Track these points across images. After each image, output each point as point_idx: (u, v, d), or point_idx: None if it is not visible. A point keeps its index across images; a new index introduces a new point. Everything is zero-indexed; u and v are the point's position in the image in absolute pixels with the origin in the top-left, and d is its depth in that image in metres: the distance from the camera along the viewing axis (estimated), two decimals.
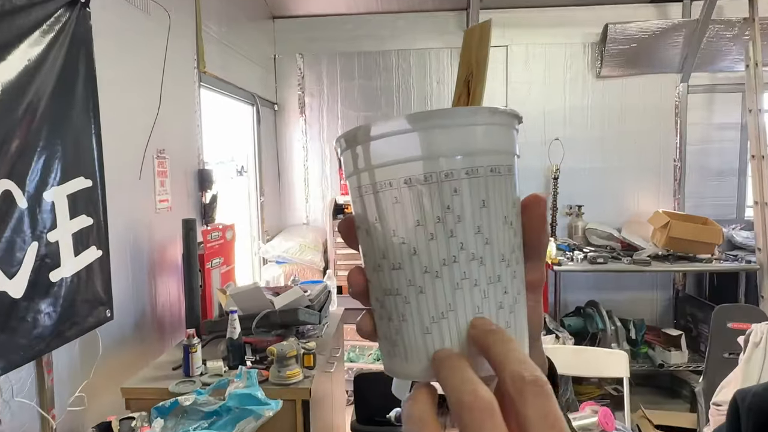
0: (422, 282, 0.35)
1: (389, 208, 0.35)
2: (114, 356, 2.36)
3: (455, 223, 0.34)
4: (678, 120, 4.72)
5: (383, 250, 0.36)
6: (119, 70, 2.44)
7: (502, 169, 0.36)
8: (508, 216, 0.36)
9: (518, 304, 0.37)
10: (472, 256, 0.35)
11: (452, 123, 0.35)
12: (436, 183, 0.34)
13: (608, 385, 4.11)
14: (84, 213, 2.00)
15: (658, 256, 4.20)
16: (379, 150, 0.35)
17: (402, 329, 0.36)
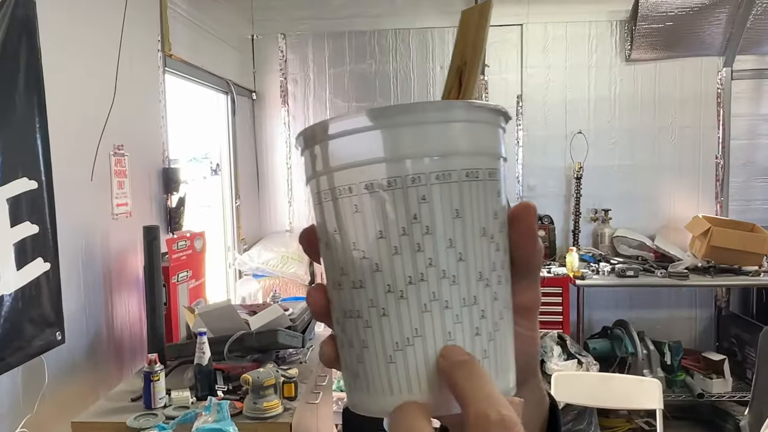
0: (385, 303, 0.35)
1: (349, 218, 0.35)
2: (63, 385, 2.36)
3: (423, 235, 0.34)
4: (720, 111, 4.73)
5: (343, 266, 0.36)
6: (68, 54, 2.46)
7: (480, 173, 0.35)
8: (487, 228, 0.36)
9: (500, 330, 0.37)
10: (443, 273, 0.34)
11: (421, 120, 0.34)
12: (401, 189, 0.34)
13: (639, 418, 4.12)
14: (28, 220, 2.01)
15: (698, 269, 4.21)
16: (338, 150, 0.35)
17: (364, 357, 0.36)
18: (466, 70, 0.42)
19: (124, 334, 2.82)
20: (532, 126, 4.85)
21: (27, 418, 2.12)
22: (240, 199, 4.52)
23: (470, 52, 0.43)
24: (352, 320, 0.36)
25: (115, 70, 2.76)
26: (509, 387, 0.38)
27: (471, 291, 0.35)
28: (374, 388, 0.36)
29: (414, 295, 0.34)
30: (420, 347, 0.34)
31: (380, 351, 0.35)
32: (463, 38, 0.43)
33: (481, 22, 0.43)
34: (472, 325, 0.35)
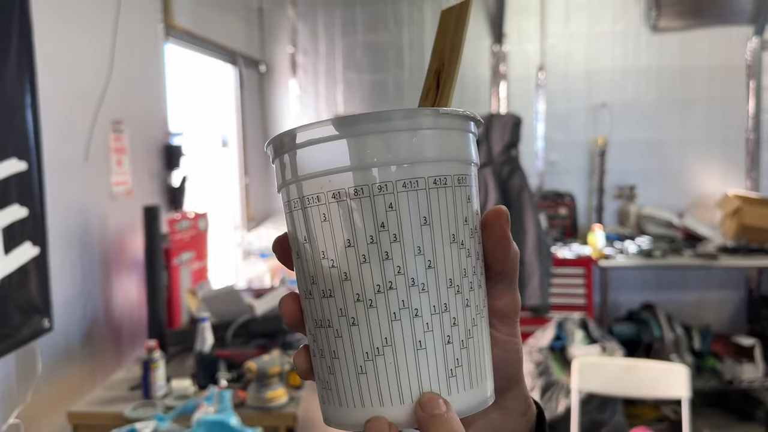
0: (354, 312, 0.35)
1: (318, 226, 0.36)
2: (58, 374, 2.31)
3: (391, 243, 0.35)
4: (751, 82, 4.60)
5: (313, 275, 0.37)
6: (61, 26, 2.37)
7: (449, 180, 0.36)
8: (457, 234, 0.37)
9: (473, 338, 0.37)
10: (412, 281, 0.35)
11: (386, 128, 0.35)
12: (368, 197, 0.35)
13: (667, 406, 4.05)
14: (17, 202, 1.94)
15: (728, 249, 4.13)
16: (306, 159, 0.36)
17: (335, 368, 0.37)
18: (444, 71, 0.42)
19: (122, 320, 2.77)
20: (553, 99, 4.74)
21: (20, 408, 2.07)
22: (248, 175, 4.46)
23: (448, 53, 0.42)
24: (323, 330, 0.37)
25: (112, 41, 2.67)
26: (486, 397, 0.39)
27: (441, 298, 0.36)
28: (345, 400, 0.36)
29: (383, 304, 0.35)
30: (390, 357, 0.35)
31: (351, 361, 0.36)
32: (442, 39, 0.43)
33: (459, 22, 0.42)
34: (443, 333, 0.36)
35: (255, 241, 4.23)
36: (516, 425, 0.45)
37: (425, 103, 0.43)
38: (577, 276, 4.11)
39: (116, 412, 2.16)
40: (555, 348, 3.66)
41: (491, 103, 4.76)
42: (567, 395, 3.33)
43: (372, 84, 4.82)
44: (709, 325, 4.32)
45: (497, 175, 3.85)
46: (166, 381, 2.33)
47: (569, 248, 4.27)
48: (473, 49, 4.75)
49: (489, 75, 4.77)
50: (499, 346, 0.42)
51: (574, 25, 4.70)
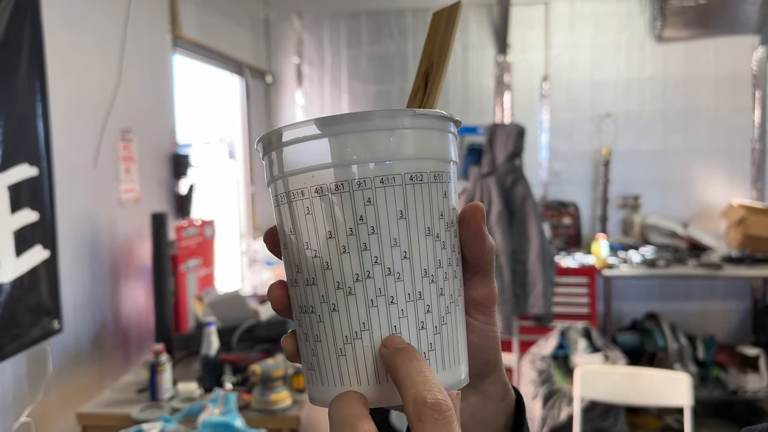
0: (335, 299, 0.38)
1: (302, 219, 0.39)
2: (68, 375, 2.38)
3: (369, 235, 0.37)
4: (757, 92, 4.64)
5: (298, 264, 0.40)
6: (72, 36, 2.45)
7: (425, 176, 0.39)
8: (432, 228, 0.39)
9: (446, 324, 0.40)
10: (389, 271, 0.37)
11: (365, 128, 0.37)
12: (348, 192, 0.37)
13: (670, 415, 4.06)
14: (28, 206, 2.02)
15: (732, 259, 4.15)
16: (292, 157, 0.39)
17: (317, 350, 0.39)
18: (432, 72, 0.44)
19: (130, 324, 2.83)
20: (557, 108, 4.79)
21: (31, 407, 2.14)
22: (254, 184, 4.53)
23: (437, 55, 0.44)
24: (307, 315, 0.40)
25: (120, 51, 2.75)
26: (460, 379, 0.41)
27: (416, 287, 0.38)
28: (327, 380, 0.39)
29: (361, 291, 0.37)
30: (368, 340, 0.38)
31: (331, 344, 0.38)
32: (432, 40, 0.45)
33: (449, 25, 0.44)
34: (417, 319, 0.38)
35: (260, 250, 4.29)
36: (494, 408, 0.48)
37: (413, 104, 0.45)
38: (580, 285, 4.15)
39: (124, 414, 2.21)
40: (558, 356, 3.70)
41: (495, 112, 4.82)
42: (570, 403, 3.37)
43: (377, 94, 4.89)
44: (713, 335, 4.34)
45: (501, 185, 3.90)
46: (173, 384, 2.38)
47: (573, 257, 4.31)
48: (477, 58, 4.81)
49: (493, 85, 4.83)
50: (477, 334, 0.44)
51: (579, 35, 4.75)
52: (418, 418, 0.33)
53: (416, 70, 0.46)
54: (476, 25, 4.81)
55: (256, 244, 4.35)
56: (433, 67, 0.44)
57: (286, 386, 2.29)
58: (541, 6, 4.73)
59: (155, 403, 2.30)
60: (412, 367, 0.35)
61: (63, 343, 2.30)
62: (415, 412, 0.33)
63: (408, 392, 0.34)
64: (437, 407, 0.33)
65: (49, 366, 2.21)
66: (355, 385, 0.38)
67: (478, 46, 4.81)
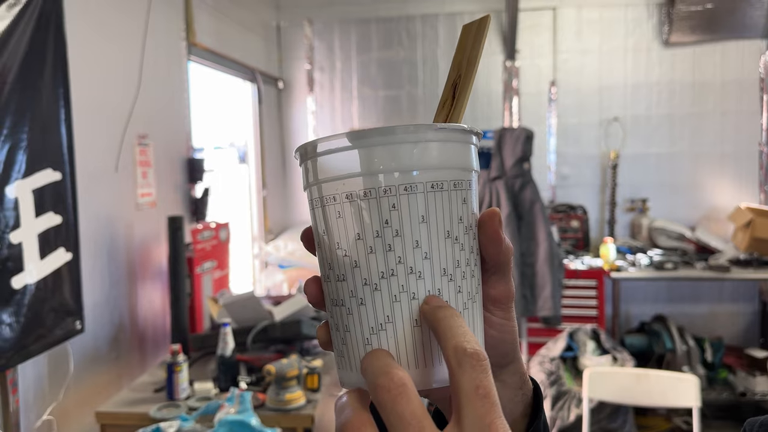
0: (362, 294, 0.41)
1: (334, 222, 0.42)
2: (88, 375, 2.42)
3: (393, 237, 0.41)
4: (764, 96, 4.64)
5: (330, 262, 0.43)
6: (93, 44, 2.51)
7: (445, 184, 0.42)
8: (452, 231, 0.42)
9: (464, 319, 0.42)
10: (411, 270, 0.41)
11: (391, 141, 0.41)
12: (375, 198, 0.41)
13: (678, 417, 4.08)
14: (52, 210, 2.07)
15: (740, 261, 4.15)
16: (325, 165, 0.42)
17: (347, 340, 0.43)
18: (460, 83, 0.47)
19: (147, 325, 2.88)
20: (565, 113, 4.82)
21: (53, 406, 2.18)
22: (266, 188, 4.57)
23: (465, 66, 0.47)
24: (338, 308, 0.43)
25: (140, 59, 2.81)
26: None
27: (435, 284, 0.41)
28: (354, 366, 0.42)
29: (386, 288, 0.41)
30: (391, 331, 0.41)
31: (359, 334, 0.42)
32: (461, 52, 0.48)
33: (477, 37, 0.47)
34: None
35: (273, 252, 4.34)
36: (512, 396, 0.50)
37: (441, 112, 0.48)
38: (588, 288, 4.17)
39: (142, 413, 2.25)
40: (566, 358, 3.73)
41: (504, 117, 4.85)
42: (578, 404, 3.39)
43: (386, 99, 4.92)
44: (721, 337, 4.33)
45: (509, 188, 3.93)
46: (189, 383, 2.42)
47: (581, 260, 4.33)
48: (486, 64, 4.85)
49: (501, 90, 4.86)
50: (495, 328, 0.47)
51: (586, 40, 4.78)
52: (458, 364, 0.36)
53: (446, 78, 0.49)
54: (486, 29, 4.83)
55: (269, 248, 4.39)
56: (460, 78, 0.47)
57: (300, 386, 2.33)
58: (549, 12, 4.76)
59: (172, 402, 2.34)
60: (453, 322, 0.38)
61: (82, 343, 2.35)
62: (456, 359, 0.36)
63: (449, 342, 0.37)
64: (475, 355, 0.36)
65: (71, 365, 2.26)
66: None
67: (487, 51, 4.83)
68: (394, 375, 0.36)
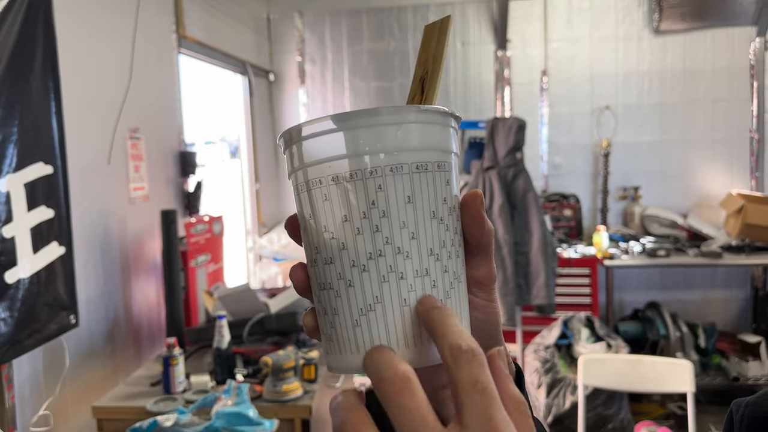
0: (351, 275, 0.41)
1: (320, 205, 0.42)
2: (84, 370, 2.41)
3: (380, 218, 0.41)
4: (754, 83, 4.65)
5: (317, 246, 0.43)
6: (83, 37, 2.48)
7: (429, 165, 0.42)
8: (437, 211, 0.43)
9: (450, 299, 0.43)
10: (398, 250, 0.41)
11: (376, 122, 0.41)
12: (361, 180, 0.41)
13: (673, 403, 4.10)
14: (44, 204, 2.05)
15: (732, 247, 4.16)
16: (310, 149, 0.42)
17: (335, 323, 0.43)
18: (428, 79, 0.48)
19: (142, 319, 2.87)
20: (556, 102, 4.82)
21: (49, 400, 2.17)
22: (259, 182, 4.56)
23: (431, 63, 0.48)
24: (326, 291, 0.43)
25: (130, 52, 2.79)
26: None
27: (423, 264, 0.42)
28: (344, 349, 0.42)
29: (374, 268, 0.41)
30: (380, 312, 0.41)
31: (348, 316, 0.42)
32: (425, 51, 0.49)
33: (440, 37, 0.48)
34: (424, 292, 0.42)
35: (267, 245, 4.33)
36: None
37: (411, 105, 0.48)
38: (582, 276, 4.18)
39: (138, 407, 2.24)
40: (561, 346, 3.74)
41: (496, 107, 4.85)
42: (573, 392, 3.41)
43: (378, 91, 4.91)
44: (714, 323, 4.36)
45: (502, 178, 3.93)
46: (186, 377, 2.41)
47: (574, 249, 4.34)
48: (477, 54, 4.84)
49: (493, 80, 4.85)
50: (479, 310, 0.48)
51: (577, 29, 4.77)
52: (455, 361, 0.36)
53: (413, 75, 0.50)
54: (476, 20, 4.83)
55: (263, 240, 4.38)
56: (428, 74, 0.48)
57: (297, 377, 2.33)
58: (540, 1, 4.75)
59: (169, 395, 2.33)
60: (448, 321, 0.39)
61: (77, 338, 2.34)
62: (452, 357, 0.37)
63: (444, 341, 0.38)
64: (470, 351, 0.36)
65: (66, 360, 2.24)
66: None
67: (478, 41, 4.84)
68: (399, 368, 0.37)
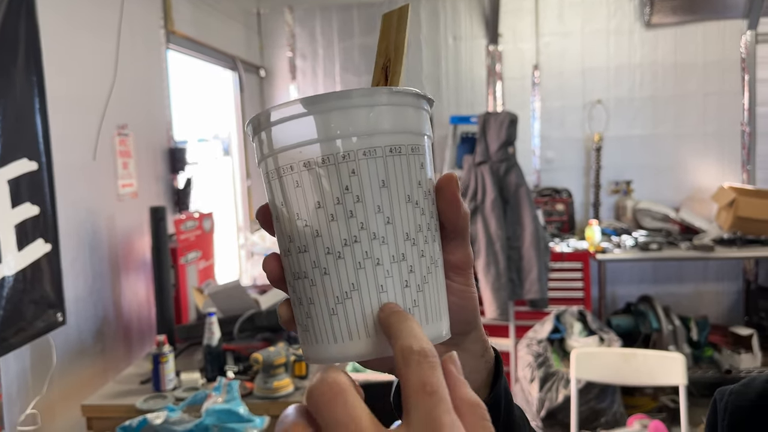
0: (326, 263, 0.40)
1: (292, 192, 0.41)
2: (72, 368, 2.39)
3: (354, 203, 0.40)
4: (745, 76, 4.65)
5: (290, 234, 0.42)
6: (67, 32, 2.46)
7: (403, 149, 0.41)
8: (412, 195, 0.42)
9: (428, 283, 0.42)
10: (374, 235, 0.40)
11: (348, 105, 0.40)
12: (333, 165, 0.40)
13: (666, 396, 4.10)
14: (28, 201, 2.03)
15: (724, 240, 4.16)
16: (280, 135, 0.41)
17: (311, 312, 0.42)
18: (390, 66, 0.47)
19: (132, 317, 2.85)
20: (548, 96, 4.81)
21: (37, 399, 2.15)
22: (251, 178, 4.54)
23: (393, 51, 0.47)
24: (300, 281, 0.42)
25: (116, 48, 2.76)
26: (442, 333, 0.44)
27: (399, 249, 0.41)
28: (321, 339, 0.42)
29: (349, 255, 0.40)
30: (357, 299, 0.40)
31: (324, 305, 0.41)
32: (385, 39, 0.48)
33: (400, 25, 0.48)
34: (401, 278, 0.41)
35: (258, 242, 4.30)
36: (476, 365, 0.51)
37: None
38: (574, 270, 4.17)
39: (128, 405, 2.22)
40: (554, 340, 3.73)
41: (487, 101, 4.83)
42: (566, 385, 3.40)
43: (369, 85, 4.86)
44: (706, 316, 4.35)
45: (494, 173, 3.92)
46: (176, 374, 2.39)
47: (566, 243, 4.33)
48: (469, 49, 4.82)
49: (485, 74, 4.84)
50: (456, 295, 0.47)
51: (568, 23, 4.76)
52: (405, 363, 0.35)
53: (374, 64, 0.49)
54: (467, 15, 4.81)
55: (254, 237, 4.36)
56: (390, 62, 0.47)
57: (287, 373, 2.32)
58: None
59: (159, 393, 2.32)
60: (403, 325, 0.38)
61: (66, 336, 2.32)
62: (403, 359, 0.35)
63: (397, 343, 0.37)
64: (422, 353, 0.35)
65: (53, 358, 2.22)
66: (347, 341, 0.41)
67: (470, 36, 4.82)
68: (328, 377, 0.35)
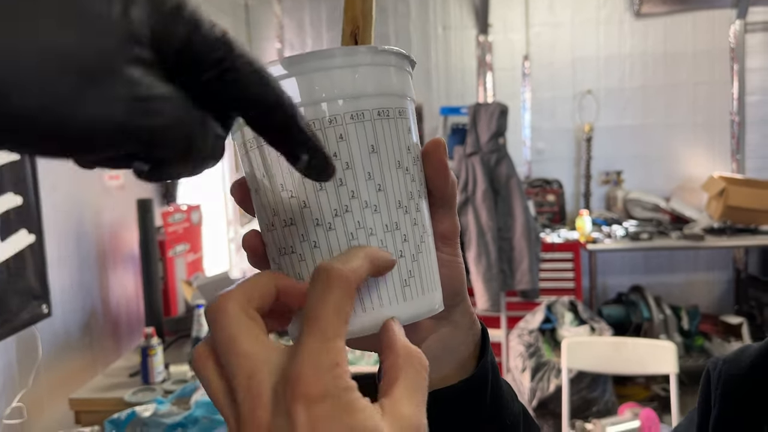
0: (315, 236, 0.38)
1: (274, 161, 0.38)
2: (59, 362, 2.36)
3: (344, 170, 0.38)
4: (735, 65, 4.65)
5: (274, 207, 0.39)
6: None
7: (391, 112, 0.39)
8: (402, 161, 0.40)
9: (422, 253, 0.41)
10: (366, 204, 0.38)
11: (331, 65, 0.38)
12: (320, 130, 0.37)
13: (657, 385, 4.11)
14: (11, 191, 2.00)
15: (714, 230, 4.17)
16: None
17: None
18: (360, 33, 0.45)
19: (120, 310, 2.82)
20: (539, 87, 4.80)
21: (23, 392, 2.12)
22: (239, 171, 4.50)
23: (361, 18, 0.45)
24: (287, 256, 0.39)
25: None
26: (436, 305, 0.42)
27: (392, 218, 0.39)
28: None
29: (341, 226, 0.38)
30: None
31: None
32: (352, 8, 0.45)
33: None
34: (396, 248, 0.39)
35: None
36: (464, 338, 0.50)
37: None
38: (565, 260, 4.17)
39: (117, 398, 2.20)
40: (545, 330, 3.72)
41: (478, 92, 4.82)
42: (558, 375, 3.39)
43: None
44: (697, 305, 4.37)
45: (485, 164, 3.90)
46: (165, 367, 2.38)
47: (557, 234, 4.33)
48: (459, 39, 4.81)
49: (475, 65, 4.82)
50: (445, 266, 0.45)
51: (558, 13, 4.75)
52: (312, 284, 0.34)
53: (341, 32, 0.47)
54: (457, 5, 4.79)
55: (244, 231, 4.33)
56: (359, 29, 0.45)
57: None
58: None
59: (148, 386, 2.30)
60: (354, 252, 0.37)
61: (52, 329, 2.29)
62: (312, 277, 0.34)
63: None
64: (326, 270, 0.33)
65: (39, 351, 2.19)
66: None
67: (459, 26, 4.80)
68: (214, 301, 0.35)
